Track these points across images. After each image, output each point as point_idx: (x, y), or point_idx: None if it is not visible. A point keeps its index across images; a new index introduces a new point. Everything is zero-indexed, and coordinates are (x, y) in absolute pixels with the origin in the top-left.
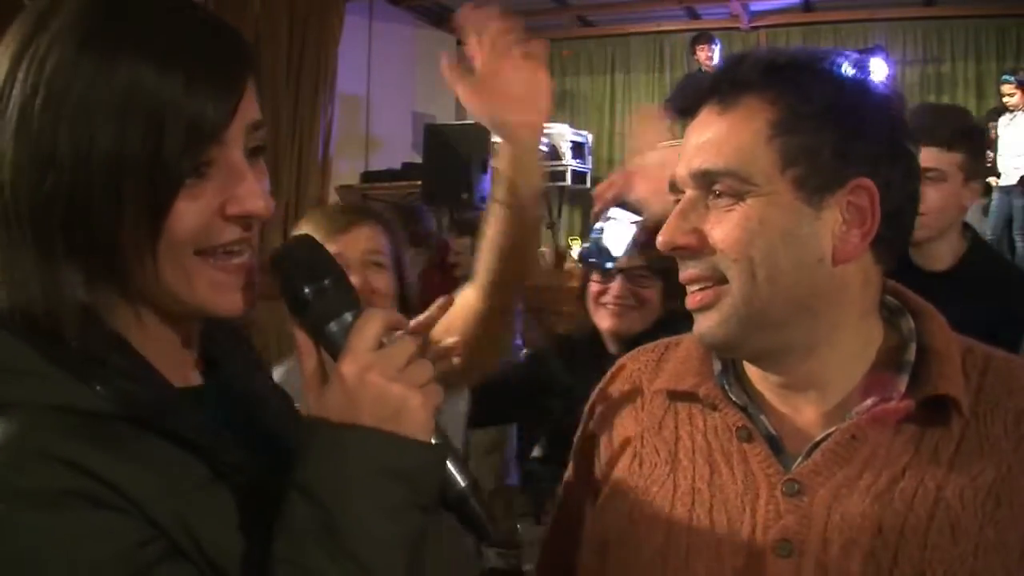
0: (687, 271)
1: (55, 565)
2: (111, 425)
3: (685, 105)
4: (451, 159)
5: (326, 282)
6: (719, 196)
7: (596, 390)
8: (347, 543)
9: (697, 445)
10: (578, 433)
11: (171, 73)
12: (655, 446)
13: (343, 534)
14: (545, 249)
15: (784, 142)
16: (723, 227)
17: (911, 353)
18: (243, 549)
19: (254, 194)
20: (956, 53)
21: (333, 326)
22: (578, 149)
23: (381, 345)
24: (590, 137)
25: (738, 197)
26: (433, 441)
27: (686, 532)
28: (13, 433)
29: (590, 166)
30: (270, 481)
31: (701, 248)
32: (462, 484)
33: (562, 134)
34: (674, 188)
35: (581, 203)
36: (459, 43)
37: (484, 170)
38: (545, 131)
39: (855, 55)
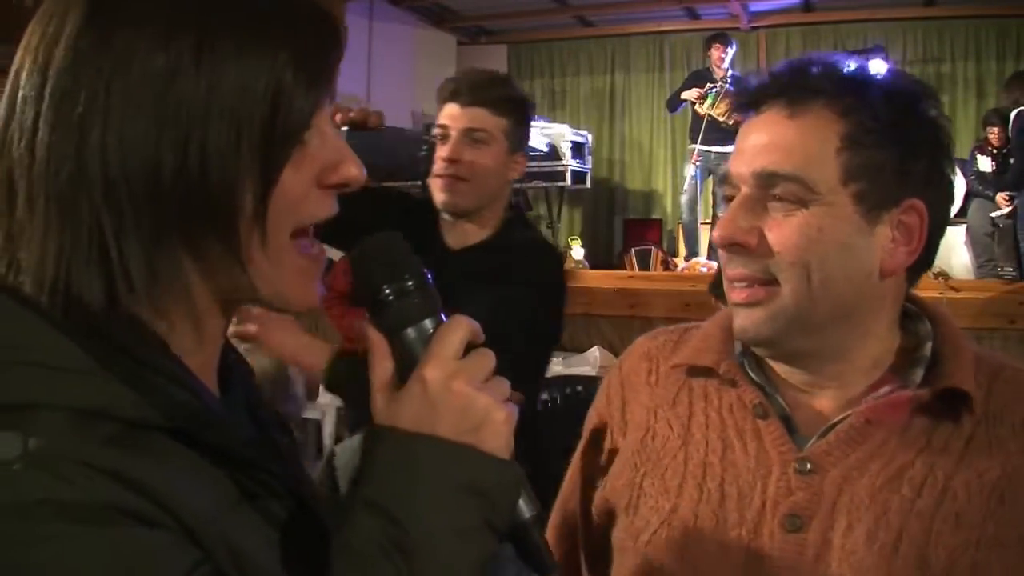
0: (737, 269)
1: None
2: (148, 435)
3: (749, 100)
4: None
5: (409, 283)
6: (779, 199)
7: (612, 368)
8: (418, 562)
9: (711, 420)
10: (592, 408)
11: (275, 51)
12: (668, 420)
13: (415, 552)
14: None
15: (850, 156)
16: (783, 231)
17: (927, 349)
18: (286, 572)
19: (351, 161)
20: (956, 53)
21: (411, 332)
22: (578, 149)
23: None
24: (590, 137)
25: (800, 203)
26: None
27: (695, 503)
28: (47, 439)
29: (590, 166)
30: (298, 501)
31: (757, 247)
32: (526, 514)
33: (562, 134)
34: (727, 183)
35: (581, 203)
36: (459, 43)
37: None
38: (545, 131)
39: (912, 77)
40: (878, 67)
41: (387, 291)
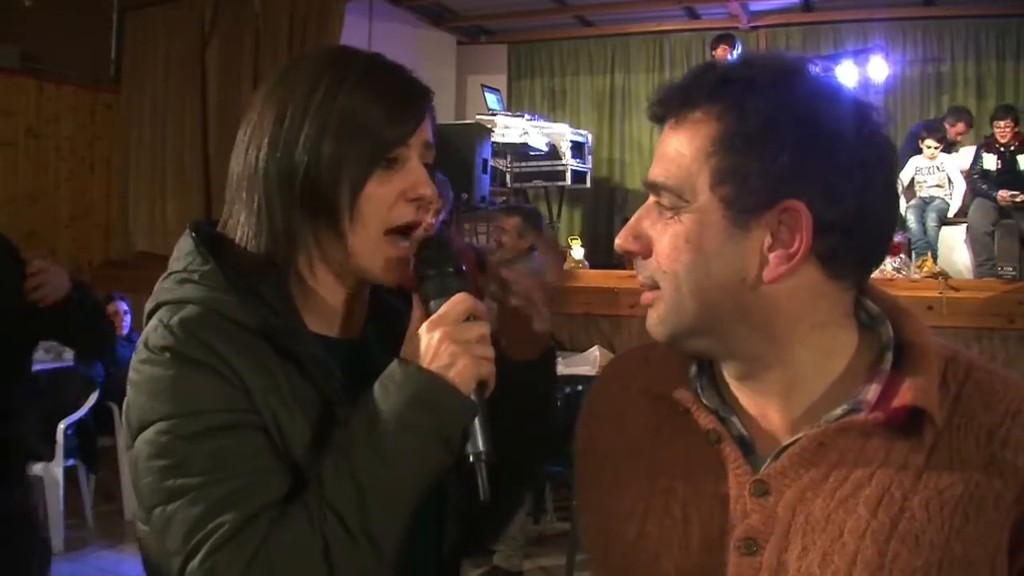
0: (637, 274)
1: (177, 396)
2: (250, 335)
3: (655, 115)
4: (451, 159)
5: (449, 269)
6: (664, 208)
7: (590, 390)
8: (380, 442)
9: (676, 444)
10: (576, 427)
11: (377, 100)
12: (635, 444)
13: (379, 435)
14: None
15: (719, 160)
16: (659, 240)
17: (887, 362)
18: (313, 449)
19: (424, 183)
20: (956, 53)
21: (433, 305)
22: (578, 149)
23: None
24: (590, 137)
25: (675, 211)
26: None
27: (658, 527)
28: (186, 319)
29: (590, 166)
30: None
31: (646, 254)
32: (481, 448)
33: (562, 134)
34: None
35: (581, 203)
36: (459, 43)
37: (484, 170)
38: (545, 131)
39: (822, 62)
40: (878, 66)
41: (432, 272)
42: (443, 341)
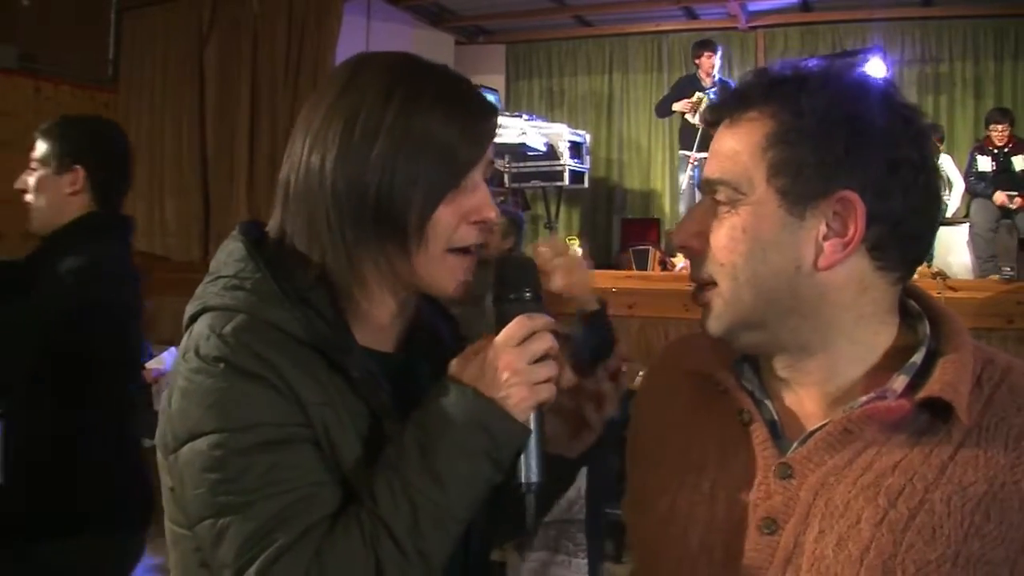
0: (692, 272)
1: (230, 409)
2: (302, 347)
3: (711, 119)
4: None
5: (527, 294)
6: (720, 204)
7: (646, 371)
8: (434, 463)
9: (712, 423)
10: (630, 413)
11: (454, 121)
12: (676, 422)
13: (433, 456)
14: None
15: (774, 154)
16: (717, 233)
17: (918, 356)
18: (363, 464)
19: (489, 207)
20: (955, 53)
21: None
22: (576, 149)
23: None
24: (588, 137)
25: (732, 205)
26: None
27: (688, 503)
28: (239, 328)
29: (588, 166)
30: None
31: (703, 250)
32: (534, 479)
33: (560, 134)
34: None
35: (579, 203)
36: (457, 43)
37: None
38: (543, 131)
39: (865, 65)
40: (876, 66)
41: (511, 296)
42: (503, 369)
